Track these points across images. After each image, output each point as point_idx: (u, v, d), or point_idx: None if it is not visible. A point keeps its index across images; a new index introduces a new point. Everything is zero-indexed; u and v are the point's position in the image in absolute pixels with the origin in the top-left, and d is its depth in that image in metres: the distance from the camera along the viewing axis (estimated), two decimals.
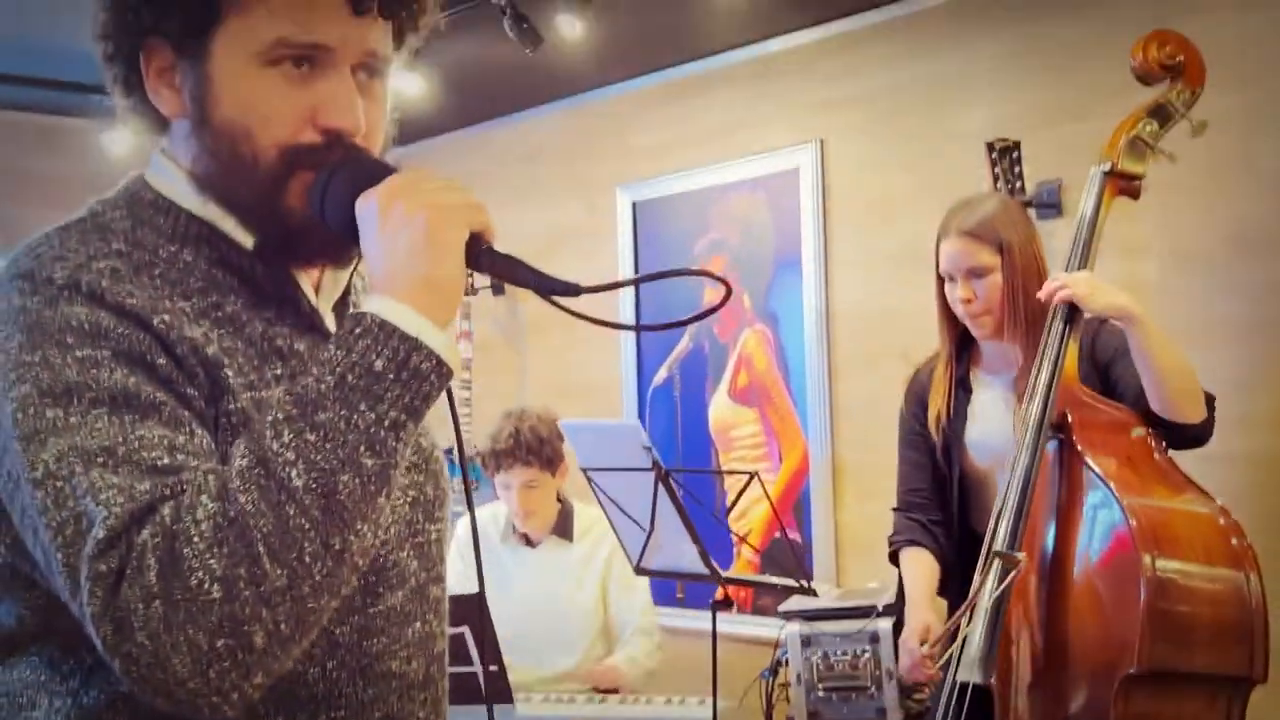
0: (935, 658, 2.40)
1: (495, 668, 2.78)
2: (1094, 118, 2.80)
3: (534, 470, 3.27)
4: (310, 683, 1.08)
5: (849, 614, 2.92)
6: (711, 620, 2.86)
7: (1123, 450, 2.30)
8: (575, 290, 1.03)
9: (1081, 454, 2.26)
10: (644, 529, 2.75)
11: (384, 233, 1.01)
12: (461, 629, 2.66)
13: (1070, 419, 2.32)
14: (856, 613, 2.89)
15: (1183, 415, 2.29)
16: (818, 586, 2.94)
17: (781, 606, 3.04)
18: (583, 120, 4.71)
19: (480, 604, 1.14)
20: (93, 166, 4.07)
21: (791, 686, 2.92)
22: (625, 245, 4.51)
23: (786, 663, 2.97)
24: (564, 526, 3.39)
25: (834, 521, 3.90)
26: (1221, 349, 3.02)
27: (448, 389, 1.05)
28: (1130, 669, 2.05)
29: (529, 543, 3.41)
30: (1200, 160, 2.78)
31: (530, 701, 3.10)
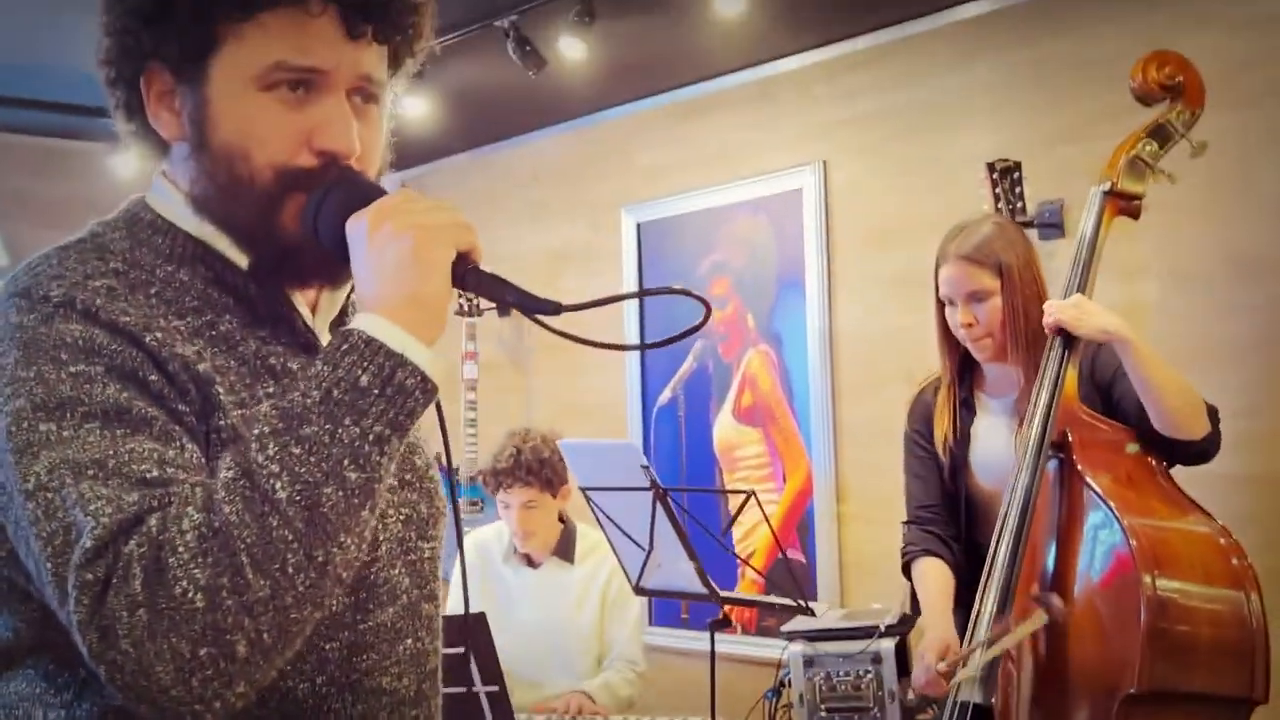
0: (950, 675, 2.38)
1: (496, 688, 2.77)
2: (1095, 138, 2.82)
3: (534, 491, 3.28)
4: (300, 698, 1.09)
5: (852, 634, 2.91)
6: (710, 640, 2.86)
7: (1123, 469, 2.30)
8: (558, 309, 1.05)
9: (1082, 473, 2.26)
10: (643, 548, 2.75)
11: (372, 252, 1.03)
12: (464, 649, 2.67)
13: (1070, 438, 2.32)
14: (859, 633, 2.89)
15: (1184, 431, 2.29)
16: (821, 607, 2.93)
17: (784, 627, 3.04)
18: (587, 142, 4.74)
19: (465, 623, 1.14)
20: (99, 189, 4.10)
21: (794, 707, 2.92)
22: (629, 266, 4.53)
23: (789, 683, 2.97)
24: (566, 548, 3.39)
25: (838, 542, 3.90)
26: (1222, 369, 3.02)
27: (437, 406, 1.06)
28: (1131, 689, 2.04)
29: (531, 563, 3.42)
30: (1200, 180, 2.79)
31: None
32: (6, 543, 1.03)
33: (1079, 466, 2.28)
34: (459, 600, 3.44)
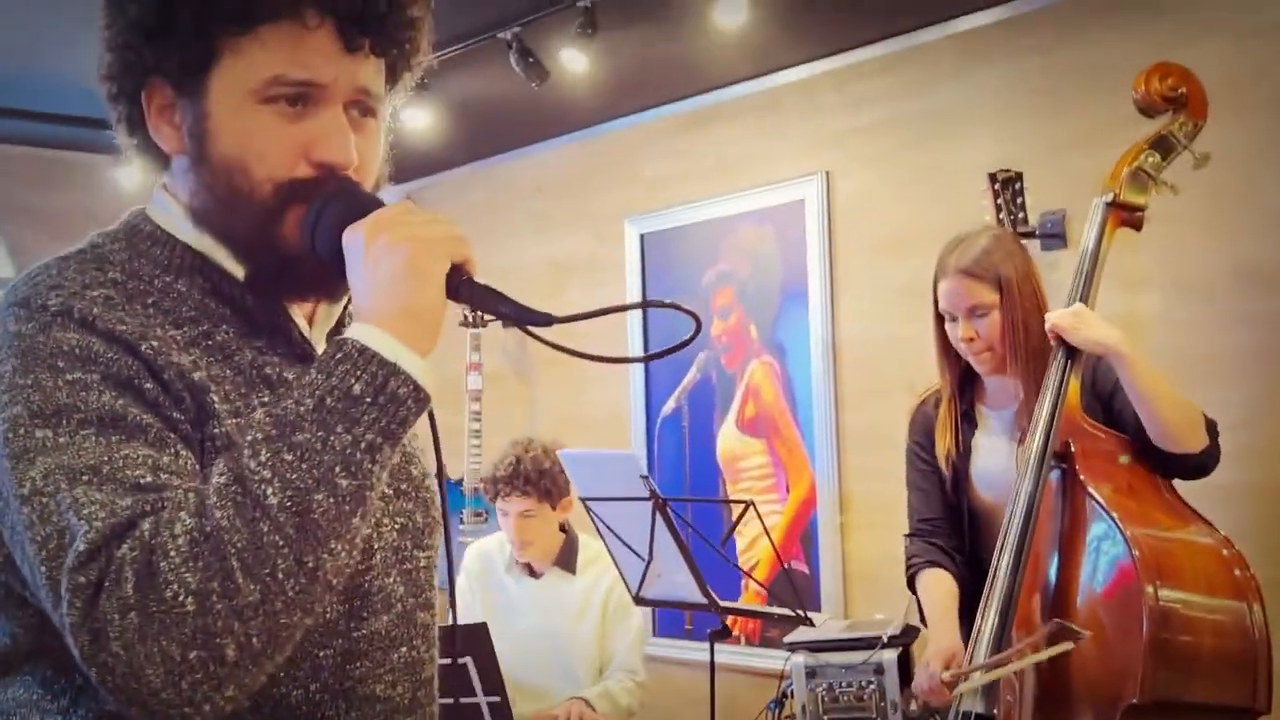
0: (953, 685, 2.38)
1: (498, 698, 2.78)
2: (1099, 148, 2.81)
3: (531, 500, 3.27)
4: (293, 705, 1.10)
5: (854, 645, 2.92)
6: (709, 651, 2.86)
7: (1125, 479, 2.30)
8: (549, 321, 1.07)
9: (1084, 483, 2.26)
10: (643, 558, 2.75)
11: (368, 263, 1.04)
12: (464, 659, 2.68)
13: (1073, 448, 2.32)
14: (861, 644, 2.90)
15: (1181, 445, 2.29)
16: (820, 618, 2.93)
17: (786, 638, 3.04)
18: (591, 154, 4.75)
19: (453, 633, 1.14)
20: (103, 200, 4.11)
21: (797, 718, 2.92)
22: (633, 277, 4.53)
23: (792, 694, 2.97)
24: (567, 558, 3.39)
25: (841, 552, 3.89)
26: (1225, 380, 3.02)
27: (430, 416, 1.07)
28: (1133, 699, 2.04)
29: (532, 573, 3.41)
30: (1203, 191, 2.79)
31: None
32: (3, 548, 1.04)
33: (1081, 477, 2.28)
34: (462, 610, 3.47)
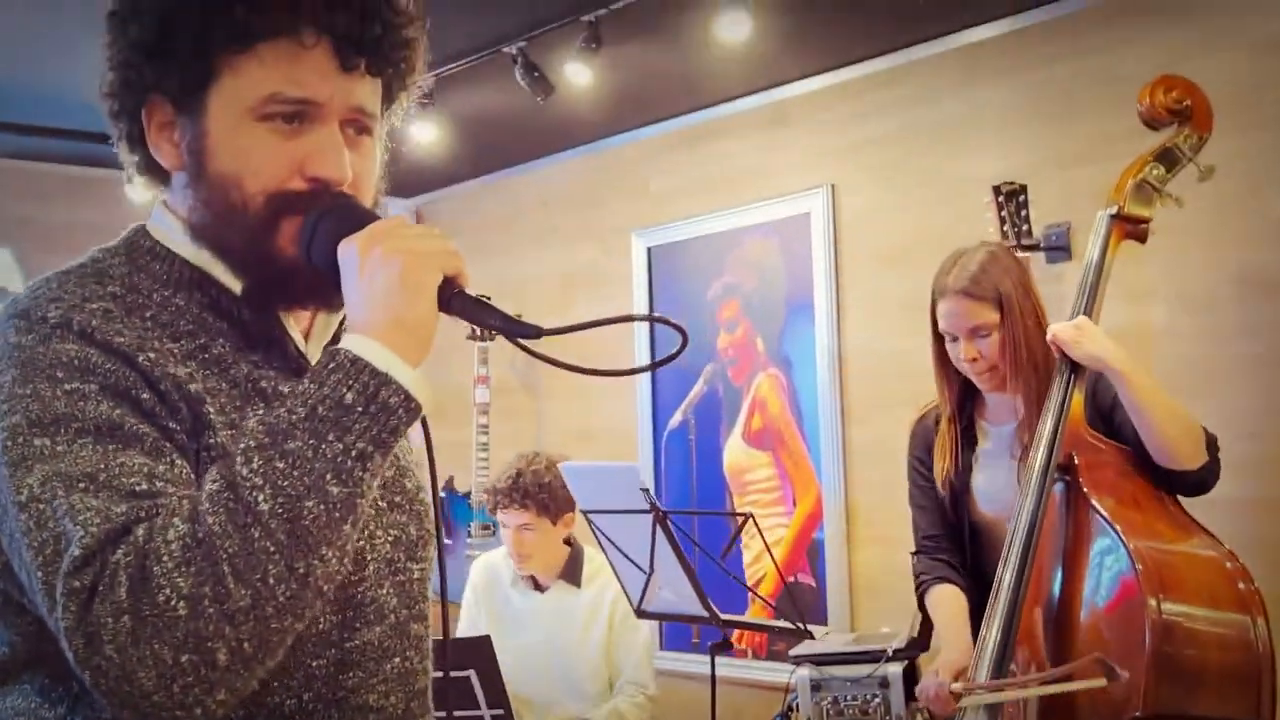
0: (959, 697, 2.37)
1: (501, 711, 2.78)
2: (1103, 161, 2.82)
3: (529, 514, 3.26)
4: (287, 714, 1.11)
5: (859, 658, 2.91)
6: (710, 664, 2.86)
7: (1128, 492, 2.29)
8: (539, 333, 1.10)
9: (1088, 496, 2.26)
10: (644, 571, 2.75)
11: (363, 275, 1.06)
12: (468, 672, 2.68)
13: (1076, 461, 2.32)
14: (866, 657, 2.89)
15: (1180, 462, 2.28)
16: (821, 631, 2.93)
17: (792, 651, 3.04)
18: (598, 167, 4.76)
19: (444, 649, 1.15)
20: (113, 215, 4.09)
21: None
22: (640, 290, 4.54)
23: (797, 707, 2.96)
24: (572, 571, 3.38)
25: (848, 565, 3.88)
26: (1229, 392, 3.01)
27: (424, 425, 1.09)
28: (1136, 713, 2.03)
29: (538, 586, 3.41)
30: (1208, 204, 2.79)
31: None
32: (1, 555, 1.05)
33: (1084, 489, 2.27)
34: (468, 623, 3.47)
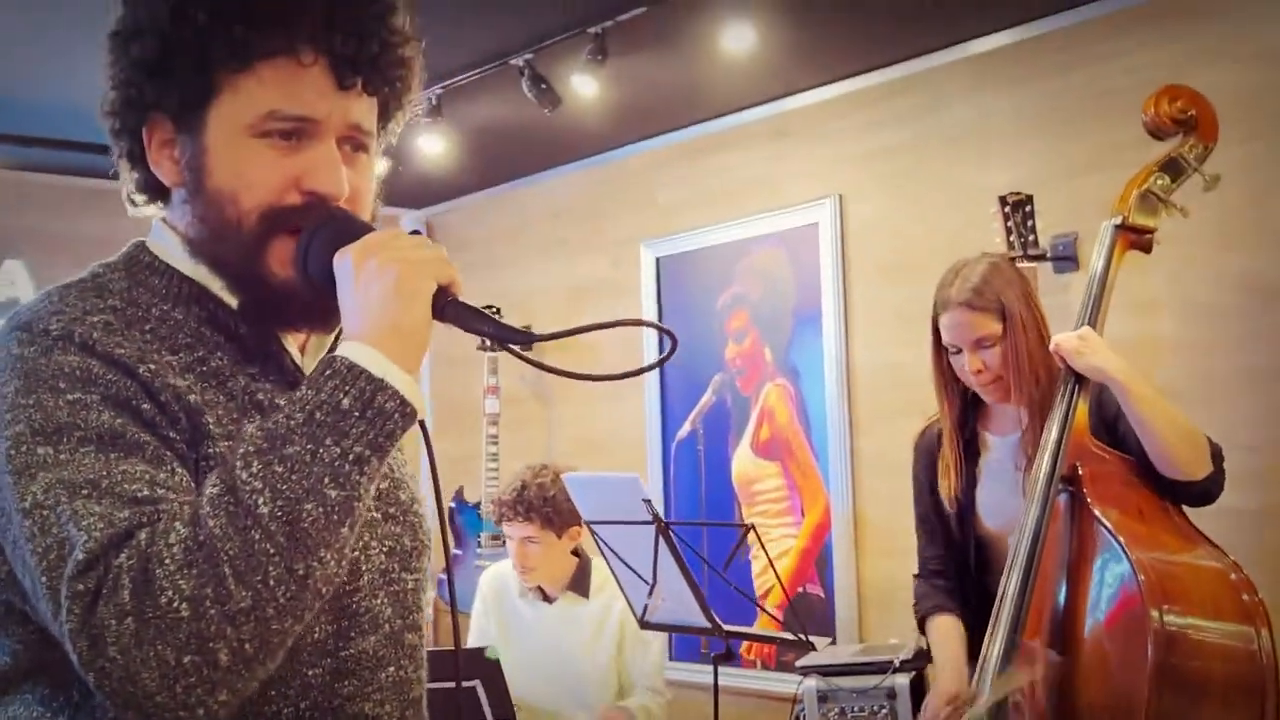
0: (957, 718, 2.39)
1: None
2: (1110, 171, 2.81)
3: (533, 527, 3.26)
4: None
5: (865, 669, 2.91)
6: (713, 674, 2.87)
7: (1133, 503, 2.29)
8: (530, 339, 1.12)
9: (1091, 507, 2.26)
10: (647, 582, 2.75)
11: (358, 284, 1.08)
12: (474, 682, 2.69)
13: (1080, 472, 2.31)
14: (872, 668, 2.88)
15: (1183, 472, 2.28)
16: (823, 642, 2.93)
17: (799, 661, 3.04)
18: (606, 179, 4.78)
19: (455, 659, 1.16)
20: (125, 228, 4.13)
21: None
22: (649, 300, 4.55)
23: (804, 718, 2.96)
24: (581, 582, 3.38)
25: (856, 576, 3.88)
26: (1235, 402, 3.00)
27: (423, 429, 1.11)
28: None
29: (546, 597, 3.41)
30: (1213, 213, 2.78)
31: None
32: (5, 564, 1.07)
33: (1088, 501, 2.27)
34: (477, 633, 3.47)
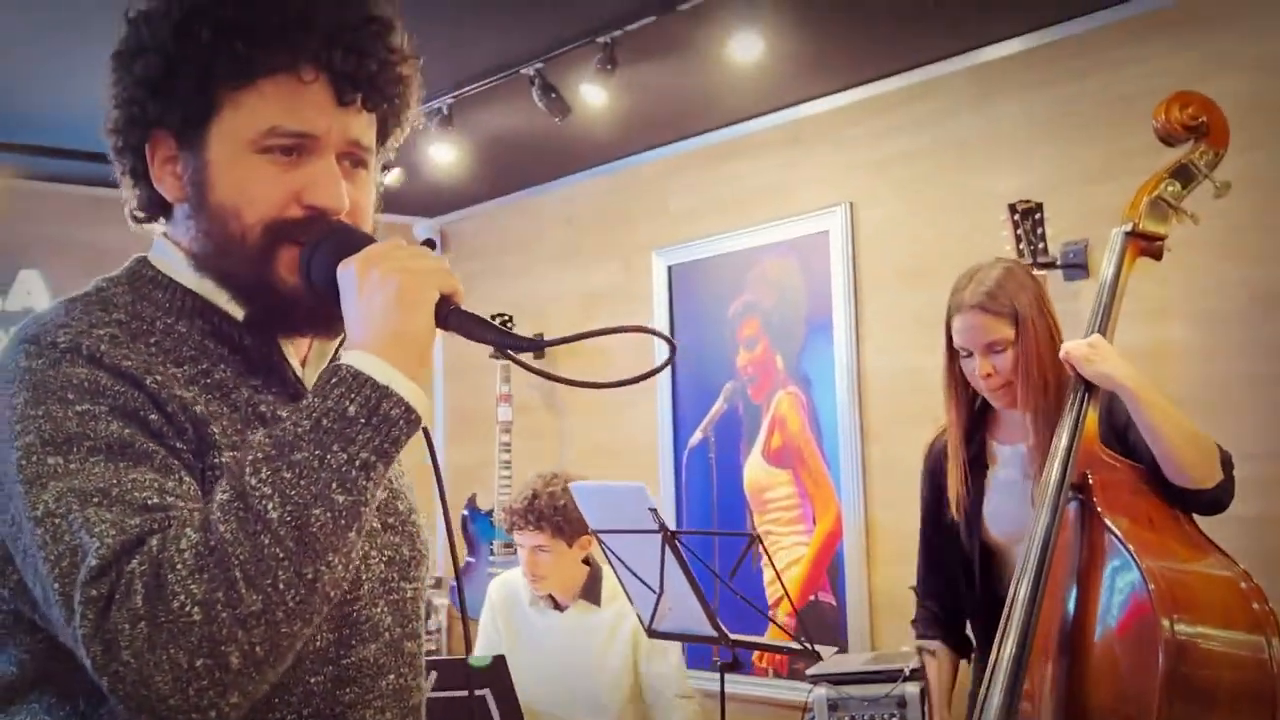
0: None
1: None
2: (1120, 178, 2.81)
3: (544, 536, 3.26)
4: None
5: (875, 678, 2.91)
6: (720, 682, 2.87)
7: (1143, 511, 2.28)
8: (532, 345, 1.13)
9: (1101, 515, 2.25)
10: (654, 591, 2.76)
11: (362, 295, 1.10)
12: (483, 691, 2.69)
13: (1090, 480, 2.31)
14: (882, 676, 2.89)
15: (1194, 481, 2.27)
16: (828, 651, 2.93)
17: (809, 670, 3.04)
18: (618, 187, 4.79)
19: (466, 666, 1.16)
20: (139, 237, 4.16)
21: None
22: (661, 308, 4.56)
23: None
24: (592, 590, 3.38)
25: (867, 584, 3.88)
26: (1244, 410, 2.99)
27: (427, 436, 1.13)
28: None
29: (557, 606, 3.41)
30: (1225, 220, 2.78)
31: None
32: (15, 573, 1.09)
33: (1098, 509, 2.26)
34: (485, 642, 3.47)
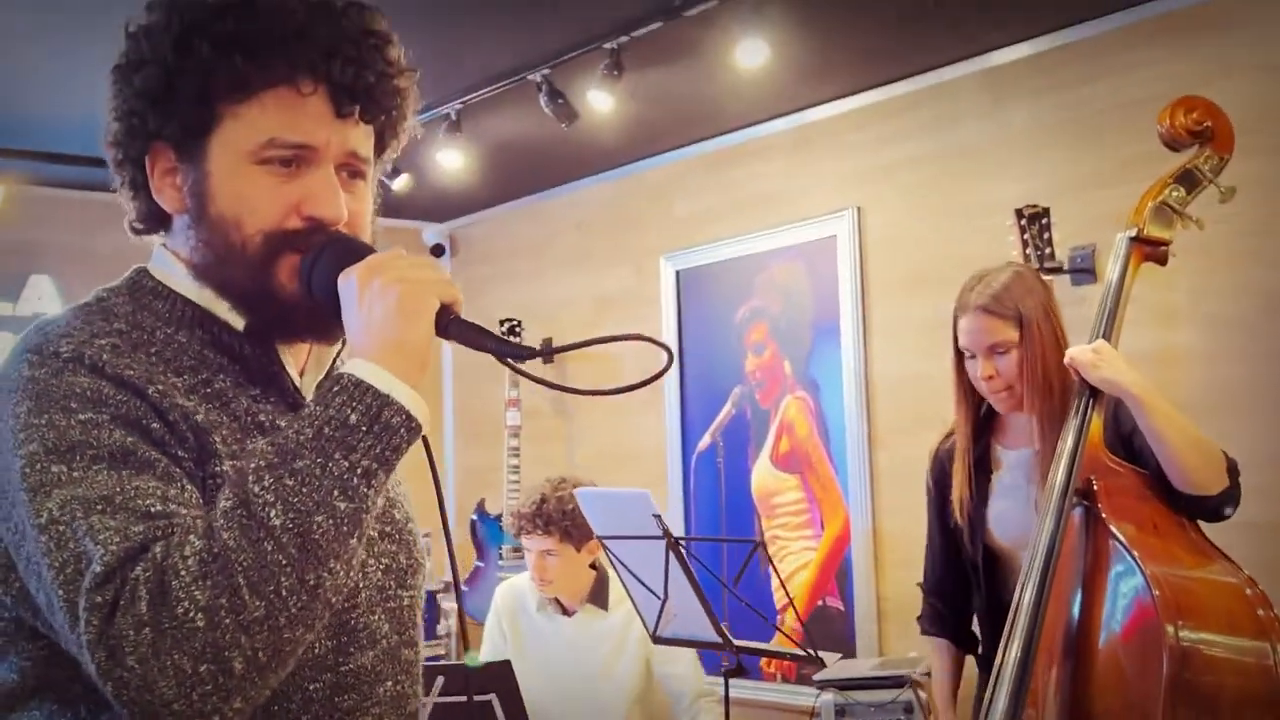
0: None
1: None
2: (1127, 183, 2.80)
3: (552, 540, 3.26)
4: None
5: (883, 683, 2.91)
6: (724, 687, 2.88)
7: (1148, 517, 2.27)
8: (532, 354, 1.14)
9: (1106, 521, 2.24)
10: (659, 597, 2.76)
11: (362, 304, 1.11)
12: (489, 696, 2.70)
13: (1095, 485, 2.30)
14: (890, 682, 2.89)
15: (1199, 487, 2.27)
16: (831, 657, 2.94)
17: (816, 675, 3.04)
18: (626, 192, 4.81)
19: (465, 672, 1.17)
20: (150, 245, 4.17)
21: None
22: (669, 313, 4.57)
23: None
24: (600, 595, 3.38)
25: (875, 589, 3.88)
26: (1251, 415, 2.98)
27: (425, 444, 1.14)
28: None
29: (564, 611, 3.42)
30: (1231, 225, 2.77)
31: None
32: (17, 580, 1.09)
33: (1103, 515, 2.26)
34: (490, 647, 3.48)
